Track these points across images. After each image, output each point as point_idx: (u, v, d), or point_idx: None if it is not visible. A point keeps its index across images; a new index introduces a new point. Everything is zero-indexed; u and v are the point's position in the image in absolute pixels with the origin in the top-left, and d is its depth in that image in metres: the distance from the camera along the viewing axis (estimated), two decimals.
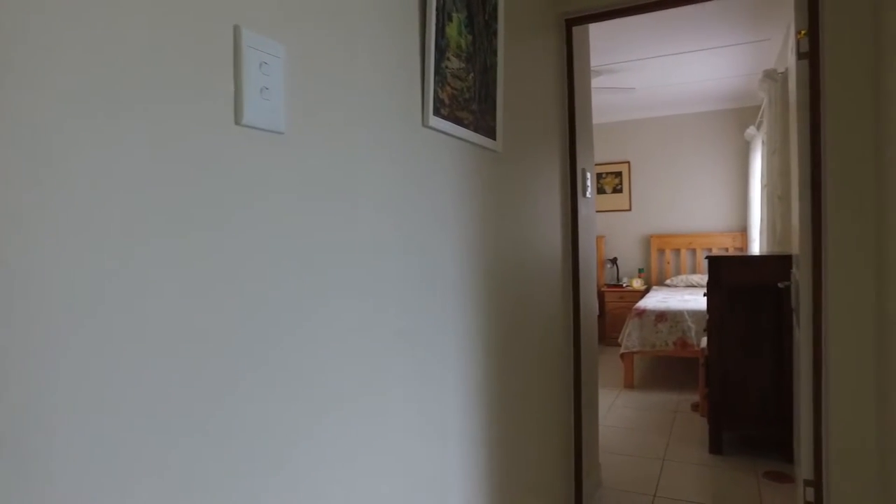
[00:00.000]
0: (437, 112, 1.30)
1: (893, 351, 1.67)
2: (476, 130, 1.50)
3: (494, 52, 1.61)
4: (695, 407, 3.77)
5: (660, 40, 4.05)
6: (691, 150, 6.12)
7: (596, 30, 3.73)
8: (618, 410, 3.81)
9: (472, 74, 1.48)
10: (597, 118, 6.31)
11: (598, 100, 5.54)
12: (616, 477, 2.79)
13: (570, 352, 2.34)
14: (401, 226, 1.18)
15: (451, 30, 1.38)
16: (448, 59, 1.36)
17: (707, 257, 3.04)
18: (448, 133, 1.37)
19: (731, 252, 5.82)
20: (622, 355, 4.35)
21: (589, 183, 2.50)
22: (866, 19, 1.85)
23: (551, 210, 2.16)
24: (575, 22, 2.37)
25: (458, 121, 1.40)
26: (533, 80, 2.03)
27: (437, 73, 1.30)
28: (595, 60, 4.40)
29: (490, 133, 1.58)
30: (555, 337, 2.19)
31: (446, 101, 1.35)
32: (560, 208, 2.26)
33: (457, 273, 1.42)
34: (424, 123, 1.27)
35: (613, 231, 6.47)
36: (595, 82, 4.89)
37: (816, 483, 2.03)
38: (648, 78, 4.91)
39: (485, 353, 1.58)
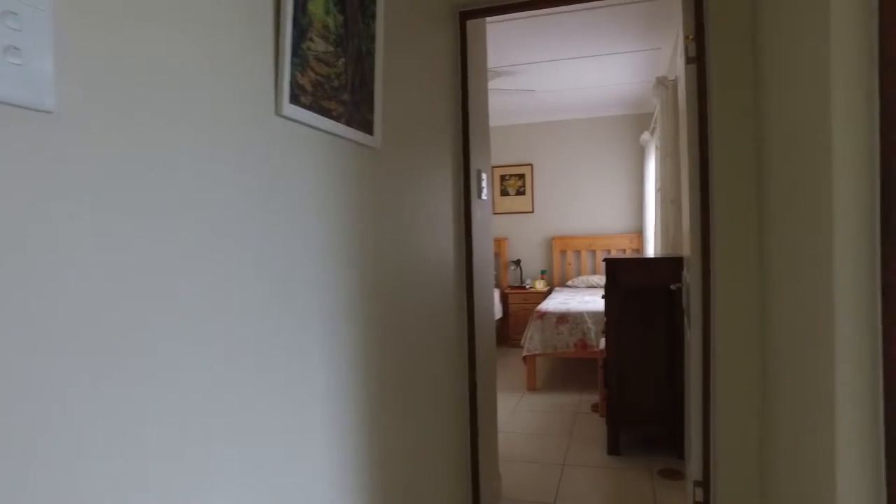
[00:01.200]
0: (294, 100, 1.12)
1: (774, 351, 1.68)
2: (348, 123, 1.33)
3: (372, 38, 1.45)
4: (595, 408, 3.81)
5: (557, 44, 4.08)
6: (591, 153, 6.29)
7: (494, 31, 3.67)
8: (520, 414, 3.77)
9: (342, 60, 1.31)
10: (500, 120, 6.33)
11: (499, 101, 5.53)
12: (517, 486, 2.71)
13: (464, 359, 2.23)
14: (241, 232, 0.98)
15: (316, 6, 1.20)
16: (311, 39, 1.18)
17: (604, 259, 3.05)
18: (310, 124, 1.18)
19: (629, 253, 6.02)
20: (525, 358, 4.34)
21: (485, 184, 2.41)
22: (747, 25, 1.87)
23: (442, 212, 2.03)
24: (469, 15, 2.27)
25: (323, 111, 1.23)
26: (422, 74, 1.89)
27: (295, 54, 1.12)
28: (494, 61, 4.36)
29: (366, 127, 1.41)
30: (448, 345, 2.06)
31: (308, 89, 1.17)
32: (452, 210, 2.13)
33: (321, 284, 1.24)
34: (278, 112, 1.08)
35: (517, 233, 6.52)
36: (494, 83, 4.86)
37: (705, 484, 2.04)
38: (547, 81, 4.96)
39: (362, 369, 1.41)
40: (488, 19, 2.69)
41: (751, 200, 1.88)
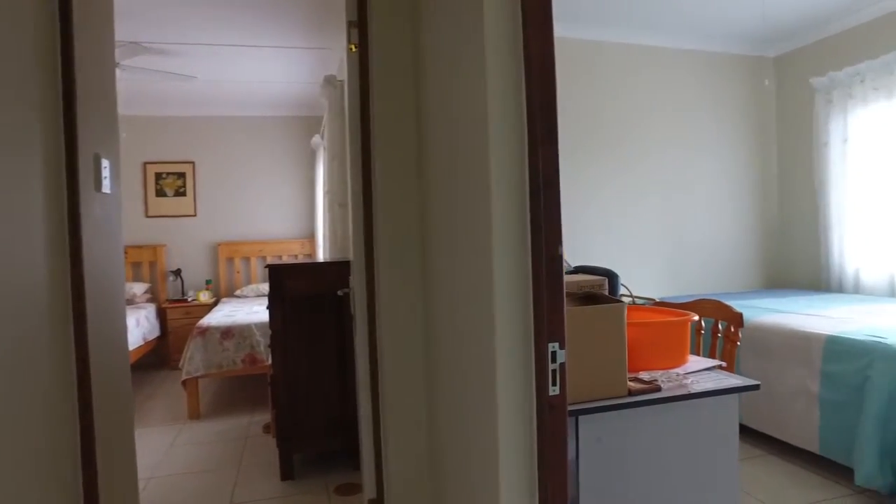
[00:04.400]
0: None
1: (438, 363, 1.66)
2: None
3: None
4: (267, 428, 3.48)
5: (216, 27, 3.62)
6: (261, 154, 5.92)
7: None
8: (179, 451, 3.19)
9: None
10: (155, 109, 5.44)
11: (156, 87, 4.73)
12: None
13: (71, 404, 1.64)
14: None
15: None
16: None
17: (267, 266, 2.75)
18: None
19: (301, 259, 5.86)
20: (184, 382, 3.73)
21: (108, 173, 1.86)
22: (409, 14, 1.83)
23: (15, 209, 1.42)
24: None
25: None
26: None
27: None
28: (142, 33, 3.65)
29: None
30: (34, 389, 1.46)
31: None
32: (43, 207, 1.53)
33: None
34: None
35: (177, 239, 5.70)
36: (143, 61, 4.10)
37: (379, 501, 1.94)
38: (211, 68, 4.42)
39: None
40: None
41: (414, 200, 1.84)
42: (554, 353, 1.08)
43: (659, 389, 1.38)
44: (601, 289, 1.56)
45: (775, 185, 4.74)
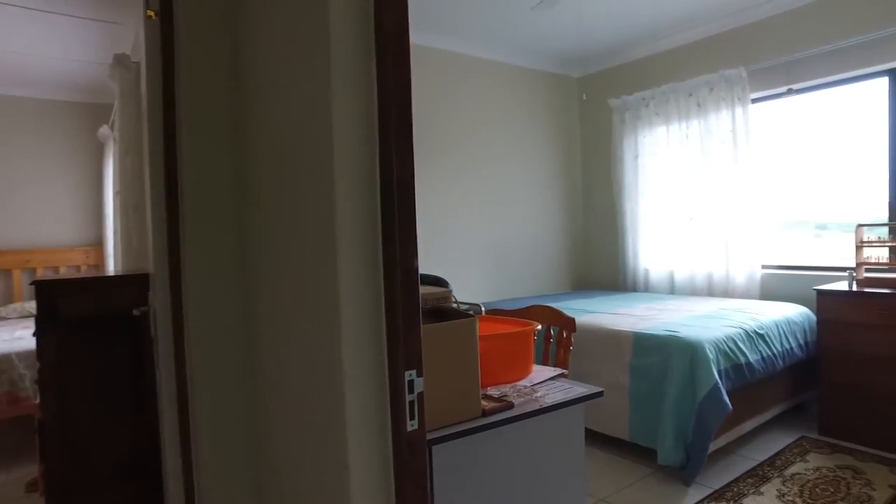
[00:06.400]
0: None
1: (269, 394, 1.40)
2: None
3: None
4: (32, 486, 2.80)
5: None
6: (33, 144, 4.88)
7: None
8: None
9: None
10: None
11: None
12: None
13: None
14: None
15: None
16: None
17: (34, 282, 2.19)
18: None
19: (86, 270, 4.95)
20: None
21: None
22: None
23: None
24: None
25: None
26: None
27: None
28: None
29: None
30: None
31: None
32: None
33: None
34: None
35: None
36: None
37: None
38: None
39: None
40: None
41: (233, 199, 1.55)
42: (411, 381, 0.93)
43: (512, 406, 1.31)
44: (448, 301, 1.46)
45: (580, 194, 5.19)
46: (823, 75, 3.59)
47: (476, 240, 4.39)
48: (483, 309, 3.18)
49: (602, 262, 5.01)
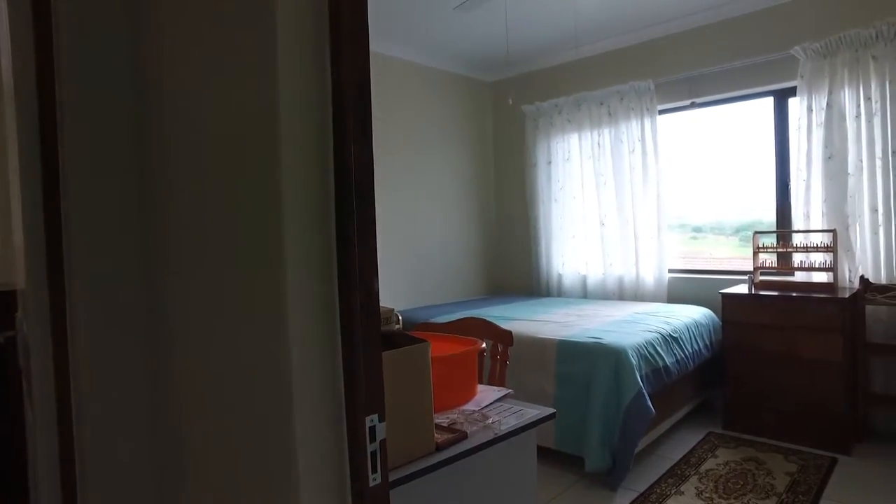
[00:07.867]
0: None
1: (185, 446, 1.17)
2: None
3: None
4: None
5: None
6: None
7: None
8: None
9: None
10: None
11: None
12: None
13: None
14: None
15: None
16: None
17: None
18: None
19: None
20: None
21: None
22: None
23: None
24: None
25: None
26: None
27: None
28: None
29: None
30: None
31: None
32: None
33: None
34: None
35: None
36: None
37: None
38: None
39: None
40: None
41: (136, 192, 1.29)
42: (372, 428, 0.78)
43: (465, 436, 1.19)
44: (391, 322, 1.30)
45: (494, 198, 5.19)
46: (721, 91, 3.82)
47: (388, 244, 4.23)
48: (400, 317, 3.03)
49: (516, 267, 5.04)
